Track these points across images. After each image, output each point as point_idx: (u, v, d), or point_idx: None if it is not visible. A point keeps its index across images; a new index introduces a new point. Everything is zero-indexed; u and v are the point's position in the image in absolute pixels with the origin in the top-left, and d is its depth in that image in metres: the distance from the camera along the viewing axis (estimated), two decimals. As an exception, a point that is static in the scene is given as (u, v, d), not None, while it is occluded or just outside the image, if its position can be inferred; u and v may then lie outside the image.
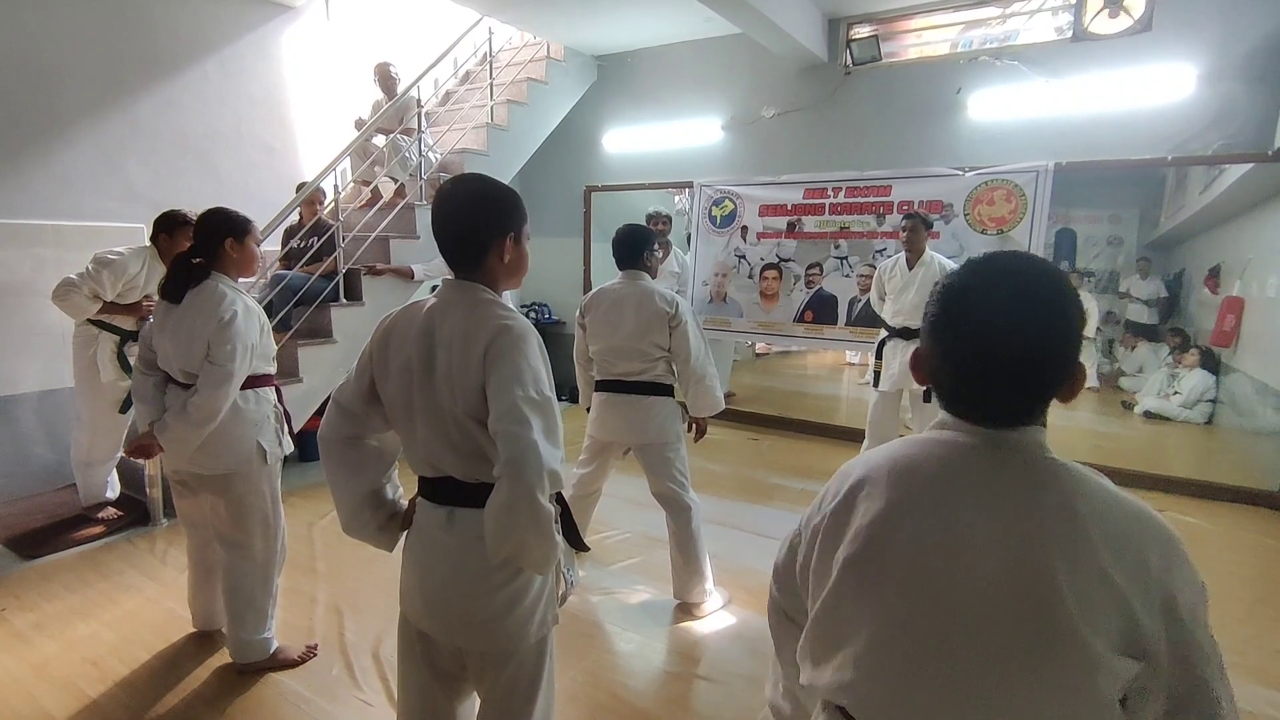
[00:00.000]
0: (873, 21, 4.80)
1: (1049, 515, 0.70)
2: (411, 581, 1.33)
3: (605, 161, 5.98)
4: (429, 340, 1.24)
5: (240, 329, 2.01)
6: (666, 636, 2.49)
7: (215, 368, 1.99)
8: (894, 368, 3.90)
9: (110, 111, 3.97)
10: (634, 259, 2.59)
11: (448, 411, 1.22)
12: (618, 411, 2.63)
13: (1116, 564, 0.67)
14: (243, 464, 2.09)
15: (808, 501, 0.95)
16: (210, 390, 1.98)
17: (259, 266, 2.22)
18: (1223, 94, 3.76)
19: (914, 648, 0.73)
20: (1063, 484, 0.72)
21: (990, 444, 0.76)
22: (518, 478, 1.09)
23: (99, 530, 3.24)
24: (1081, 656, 0.66)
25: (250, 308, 2.09)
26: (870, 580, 0.77)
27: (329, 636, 2.44)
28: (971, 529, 0.72)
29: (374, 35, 5.28)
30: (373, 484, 1.39)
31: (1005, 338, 0.73)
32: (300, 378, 3.83)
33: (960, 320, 0.76)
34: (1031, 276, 0.74)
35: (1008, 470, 0.74)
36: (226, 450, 2.07)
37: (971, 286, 0.76)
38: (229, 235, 2.08)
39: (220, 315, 1.99)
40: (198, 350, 2.00)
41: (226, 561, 2.16)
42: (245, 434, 2.10)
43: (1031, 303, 0.72)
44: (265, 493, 2.16)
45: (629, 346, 2.55)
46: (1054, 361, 0.73)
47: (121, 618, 2.54)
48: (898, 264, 3.91)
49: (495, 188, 1.29)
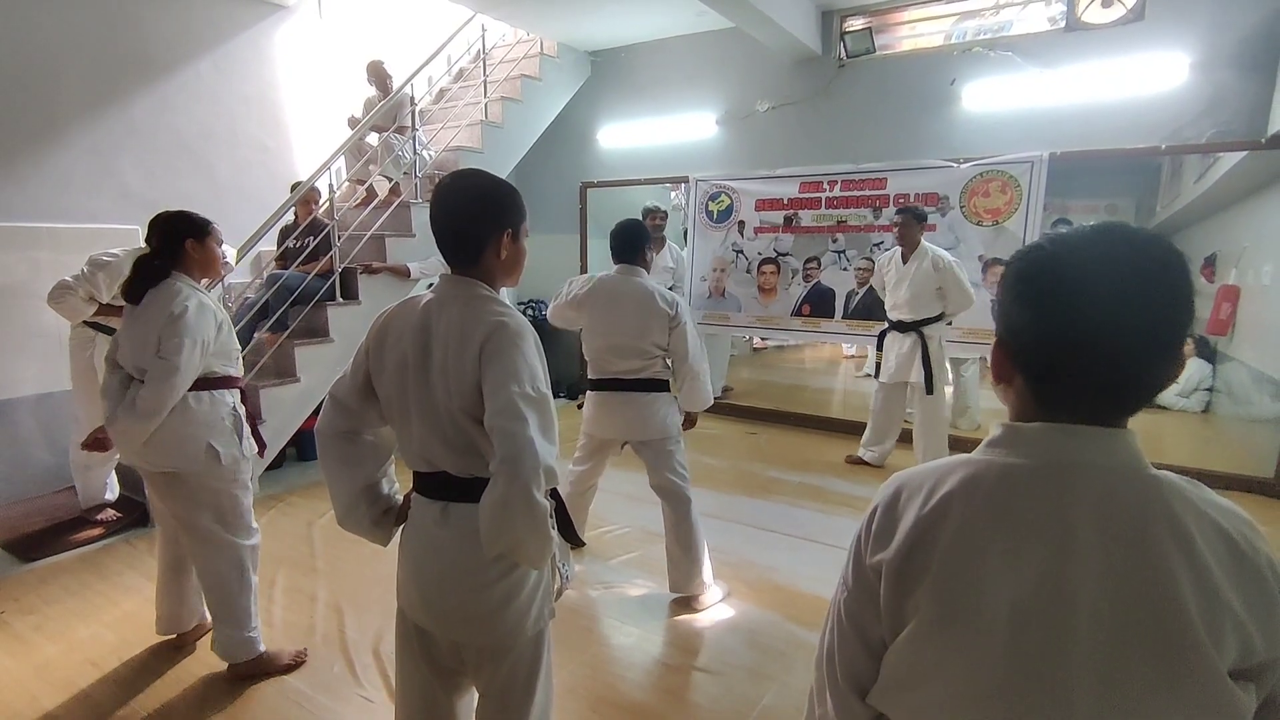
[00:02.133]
0: (866, 14, 4.79)
1: (1168, 544, 0.61)
2: (408, 577, 1.34)
3: (600, 157, 5.97)
4: (425, 336, 1.25)
5: (190, 323, 2.00)
6: (665, 630, 2.50)
7: (162, 361, 1.97)
8: (892, 360, 3.94)
9: (105, 113, 3.96)
10: (632, 254, 2.61)
11: (443, 407, 1.22)
12: (617, 410, 2.64)
13: (1235, 590, 0.61)
14: (189, 463, 2.06)
15: (807, 495, 0.93)
16: (155, 384, 1.96)
17: (221, 267, 2.22)
18: (1215, 82, 3.75)
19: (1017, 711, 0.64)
20: (1174, 504, 0.63)
21: (1090, 456, 0.65)
22: (514, 474, 1.10)
23: (98, 532, 3.24)
24: (1221, 694, 0.60)
25: (205, 304, 2.08)
26: (960, 629, 0.65)
27: (329, 634, 2.45)
28: (1084, 569, 0.62)
29: (367, 33, 5.27)
30: (368, 478, 1.39)
31: (1140, 310, 0.63)
32: (298, 377, 3.83)
33: (1078, 290, 0.64)
34: (1159, 247, 0.65)
35: (1117, 498, 0.64)
36: (173, 448, 2.05)
37: (1090, 255, 0.65)
38: (189, 235, 2.09)
39: (171, 310, 1.99)
40: (150, 345, 1.99)
41: (197, 562, 2.16)
42: (194, 434, 2.06)
43: (1162, 273, 0.63)
44: (219, 490, 2.12)
45: (629, 345, 2.55)
46: (1179, 344, 0.65)
47: (121, 619, 2.54)
48: (893, 258, 3.94)
49: (494, 183, 1.29)
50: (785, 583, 2.80)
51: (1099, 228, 0.67)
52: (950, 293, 3.76)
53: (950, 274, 3.73)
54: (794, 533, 3.23)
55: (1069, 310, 0.65)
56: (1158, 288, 0.63)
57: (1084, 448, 0.66)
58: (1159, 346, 0.64)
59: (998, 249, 4.29)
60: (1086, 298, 0.64)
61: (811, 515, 3.45)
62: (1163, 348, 0.64)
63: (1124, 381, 0.66)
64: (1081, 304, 0.64)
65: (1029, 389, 0.70)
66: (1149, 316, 0.63)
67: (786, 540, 3.15)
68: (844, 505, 3.56)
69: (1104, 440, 0.66)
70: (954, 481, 0.69)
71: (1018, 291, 0.69)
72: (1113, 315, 0.63)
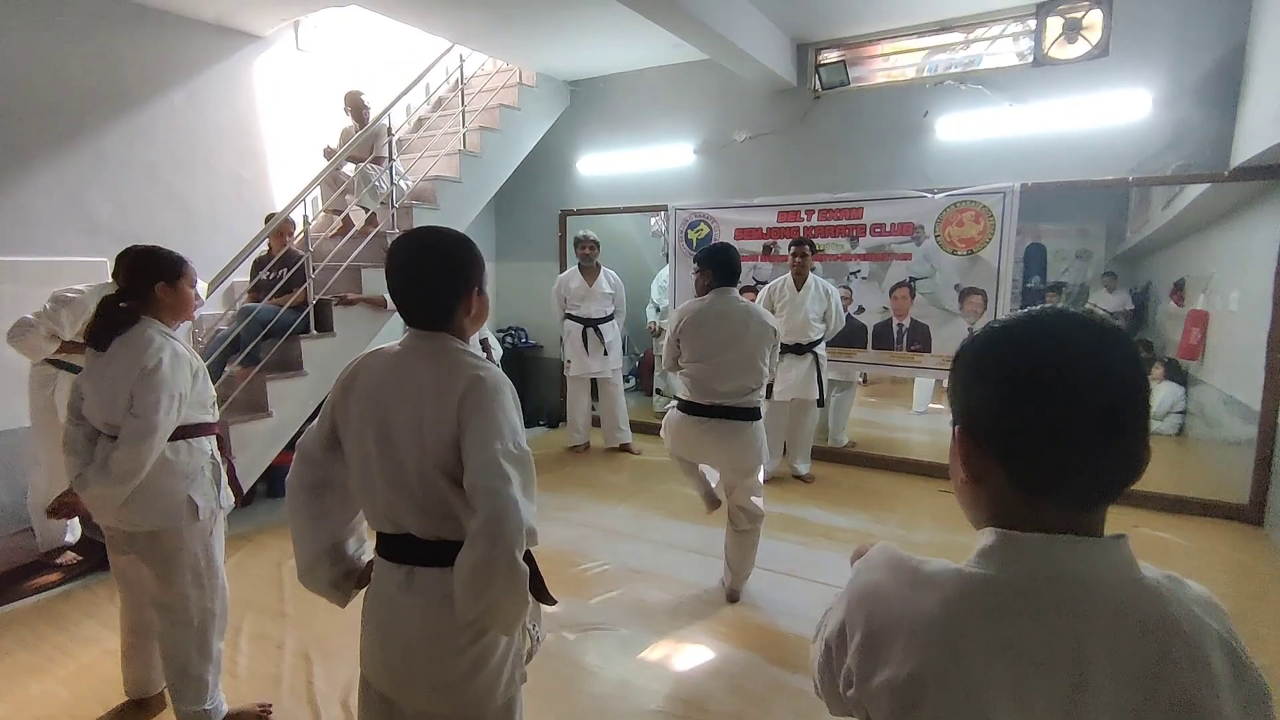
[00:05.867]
0: (840, 47, 4.88)
1: (1188, 672, 0.57)
2: (372, 645, 1.28)
3: (580, 185, 5.99)
4: (392, 392, 1.21)
5: (166, 377, 1.87)
6: (644, 675, 2.44)
7: (138, 420, 1.83)
8: (788, 379, 4.24)
9: (73, 143, 3.89)
10: (732, 278, 2.80)
11: (412, 466, 1.18)
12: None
13: (1239, 707, 0.59)
14: (171, 520, 1.94)
15: (786, 527, 0.86)
16: (132, 444, 1.83)
17: (196, 309, 2.12)
18: (1179, 116, 3.86)
19: None
20: (1180, 620, 0.59)
21: (1099, 573, 0.60)
22: (497, 536, 1.06)
23: (56, 577, 3.12)
24: None
25: (180, 354, 1.95)
26: None
27: (296, 685, 2.36)
28: (1099, 702, 0.57)
29: (345, 64, 5.26)
30: (334, 536, 1.34)
31: (1122, 392, 0.61)
32: (270, 412, 3.75)
33: (1060, 373, 0.61)
34: (1114, 332, 0.62)
35: (1126, 619, 0.59)
36: (153, 505, 1.92)
37: (1061, 338, 0.62)
38: (158, 279, 1.95)
39: (144, 363, 1.85)
40: (121, 401, 1.86)
41: (160, 627, 2.02)
42: (174, 487, 1.94)
43: (1125, 354, 0.62)
44: (197, 551, 1.99)
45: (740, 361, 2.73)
46: (1146, 424, 0.62)
47: (76, 673, 2.43)
48: (785, 284, 4.27)
49: (456, 243, 1.26)
50: (765, 622, 2.76)
51: (1049, 309, 0.65)
52: (831, 317, 4.30)
53: (834, 299, 4.31)
54: (774, 567, 3.18)
55: (1038, 366, 0.61)
56: (1118, 348, 0.61)
57: (1089, 561, 0.60)
58: (1132, 404, 0.61)
59: (973, 278, 4.33)
60: (1053, 352, 0.62)
61: (791, 549, 3.41)
62: (1135, 405, 0.61)
63: (1105, 444, 0.61)
64: (1048, 359, 0.61)
65: (1006, 475, 0.63)
66: (1118, 371, 0.61)
67: (766, 576, 3.11)
68: (824, 538, 3.53)
69: (1110, 551, 0.61)
70: (946, 606, 0.61)
71: (978, 368, 0.66)
72: (1085, 369, 0.60)
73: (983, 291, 4.31)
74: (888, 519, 3.82)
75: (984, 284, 4.31)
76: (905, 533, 3.62)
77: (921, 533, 3.63)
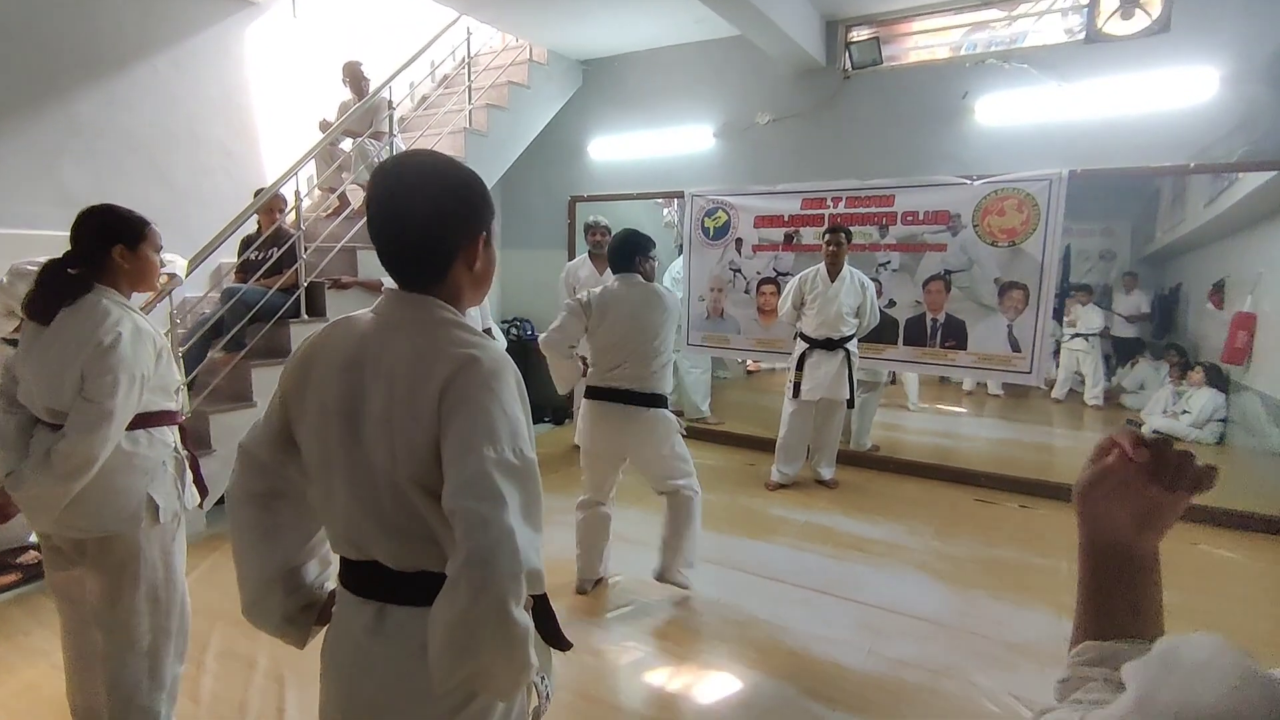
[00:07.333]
0: (873, 23, 4.57)
1: None
2: (331, 698, 0.99)
3: (591, 170, 5.68)
4: (358, 375, 0.91)
5: (125, 356, 1.59)
6: (665, 706, 2.14)
7: (90, 405, 1.56)
8: (817, 377, 3.93)
9: (44, 108, 3.60)
10: (628, 263, 2.68)
11: (381, 474, 0.88)
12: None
13: None
14: (127, 523, 1.65)
15: (814, 537, 0.59)
16: (82, 434, 1.55)
17: (163, 279, 1.80)
18: (1247, 98, 3.54)
19: None
20: None
21: None
22: (482, 584, 0.76)
23: (13, 579, 2.84)
24: None
25: (142, 329, 1.67)
26: None
27: (265, 711, 2.07)
28: None
29: (344, 34, 4.96)
30: (287, 559, 1.05)
31: None
32: (253, 401, 3.47)
33: None
34: None
35: None
36: (106, 505, 1.63)
37: None
38: (117, 240, 1.67)
39: (99, 338, 1.57)
40: (69, 383, 1.58)
41: (104, 649, 1.71)
42: (132, 485, 1.67)
43: None
44: (156, 561, 1.71)
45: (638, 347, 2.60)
46: None
47: (19, 691, 2.14)
48: (819, 274, 3.95)
49: (459, 174, 0.95)
50: (798, 646, 2.45)
51: None
52: (866, 312, 3.96)
53: (870, 293, 3.97)
54: (803, 583, 2.89)
55: None
56: None
57: None
58: None
59: (1014, 271, 4.02)
60: None
61: (821, 561, 3.11)
62: None
63: None
64: None
65: None
66: None
67: (796, 592, 2.81)
68: (855, 549, 3.23)
69: None
70: None
71: None
72: None
73: (1025, 286, 4.00)
74: (921, 530, 3.51)
75: (1026, 278, 3.99)
76: (942, 544, 3.32)
77: (959, 544, 3.32)
